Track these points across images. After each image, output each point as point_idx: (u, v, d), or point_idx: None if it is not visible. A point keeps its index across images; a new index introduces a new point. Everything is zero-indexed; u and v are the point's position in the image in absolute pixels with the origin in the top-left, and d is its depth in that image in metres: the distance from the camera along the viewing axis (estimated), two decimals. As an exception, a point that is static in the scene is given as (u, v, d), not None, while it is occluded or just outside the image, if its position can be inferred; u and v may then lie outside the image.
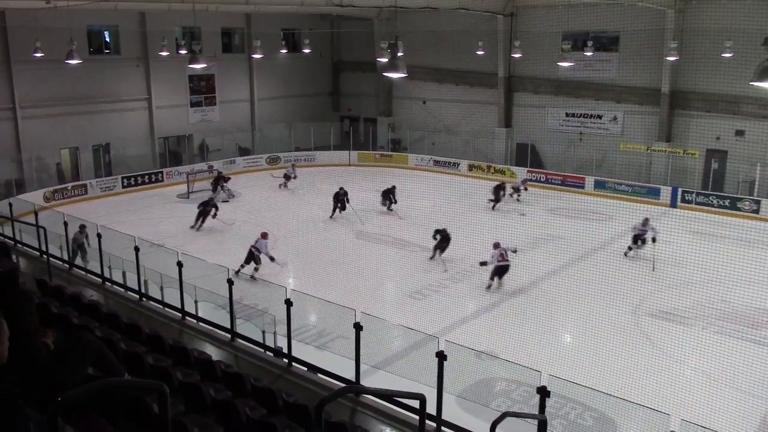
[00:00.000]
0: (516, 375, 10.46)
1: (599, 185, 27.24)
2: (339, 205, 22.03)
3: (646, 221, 18.70)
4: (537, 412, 6.97)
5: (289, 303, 9.64)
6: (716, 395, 11.08)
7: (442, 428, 7.83)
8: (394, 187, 23.04)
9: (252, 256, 16.26)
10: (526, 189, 26.20)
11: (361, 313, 10.13)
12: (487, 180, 29.66)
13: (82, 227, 15.73)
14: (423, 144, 33.05)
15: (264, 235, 16.57)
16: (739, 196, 24.59)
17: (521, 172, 29.12)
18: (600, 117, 28.78)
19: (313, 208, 23.52)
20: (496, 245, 15.86)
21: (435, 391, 7.81)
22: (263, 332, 10.42)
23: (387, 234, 19.70)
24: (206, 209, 20.45)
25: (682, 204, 25.07)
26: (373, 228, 21.19)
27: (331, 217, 22.16)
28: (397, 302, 15.06)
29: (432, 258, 17.89)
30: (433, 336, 11.47)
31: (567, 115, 29.71)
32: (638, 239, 18.73)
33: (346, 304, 13.46)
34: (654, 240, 18.20)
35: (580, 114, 29.34)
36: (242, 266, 16.12)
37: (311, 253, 18.56)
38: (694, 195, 25.23)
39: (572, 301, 15.34)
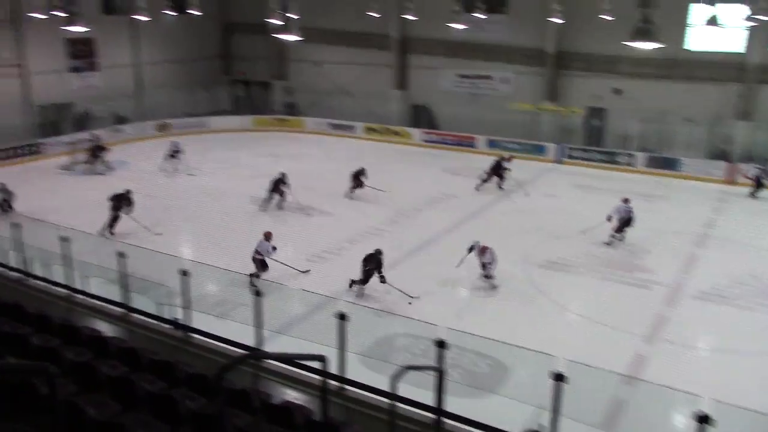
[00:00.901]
0: (415, 330, 10.84)
1: (491, 144, 28.16)
2: (277, 192, 19.11)
3: (626, 201, 16.86)
4: (435, 364, 7.28)
5: (185, 273, 9.45)
6: (597, 335, 11.98)
7: (345, 386, 8.04)
8: (363, 169, 20.67)
9: (259, 264, 13.61)
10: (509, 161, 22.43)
11: (261, 279, 10.08)
12: (386, 142, 29.99)
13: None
14: (319, 108, 32.76)
15: (267, 236, 13.85)
16: (617, 150, 26.21)
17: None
18: (491, 78, 29.60)
19: (205, 177, 22.90)
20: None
21: (337, 351, 7.99)
22: (159, 305, 10.18)
23: (285, 201, 19.52)
24: (119, 204, 16.90)
25: (567, 160, 26.42)
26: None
27: (268, 204, 19.21)
28: (297, 266, 15.09)
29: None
30: (333, 298, 11.67)
31: (460, 76, 30.34)
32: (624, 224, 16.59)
33: (245, 272, 13.38)
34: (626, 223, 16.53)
35: (473, 75, 30.04)
36: (256, 276, 13.49)
37: (206, 222, 18.14)
38: (577, 151, 26.71)
39: (467, 257, 15.95)
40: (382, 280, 12.81)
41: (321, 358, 4.59)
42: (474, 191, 21.39)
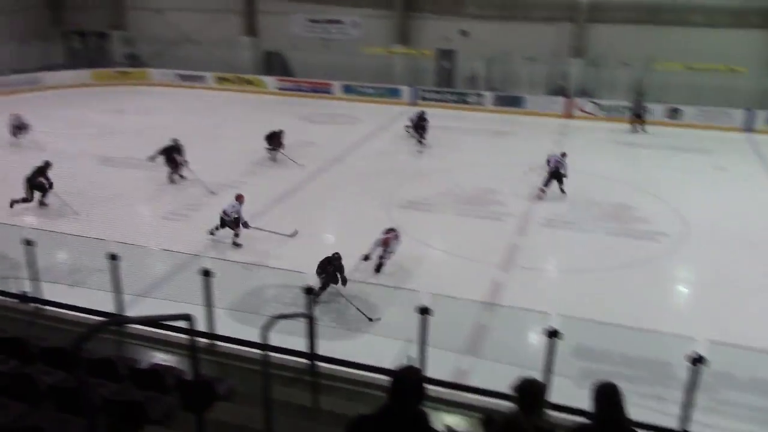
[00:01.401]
0: (285, 280, 10.85)
1: (347, 90, 28.18)
2: (172, 165, 17.01)
3: (564, 155, 16.67)
4: (305, 311, 7.37)
5: (29, 243, 8.76)
6: (458, 267, 12.65)
7: (216, 342, 7.95)
8: (281, 131, 19.27)
9: (232, 223, 13.25)
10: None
11: (115, 242, 9.58)
12: (240, 91, 29.02)
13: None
14: (165, 58, 30.92)
15: (239, 199, 13.44)
16: (467, 91, 27.24)
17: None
18: (342, 22, 29.36)
19: (49, 140, 21.04)
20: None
21: (205, 308, 7.84)
22: (3, 279, 9.39)
23: (131, 156, 18.42)
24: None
25: (421, 102, 27.09)
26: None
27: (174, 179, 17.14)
28: (153, 226, 14.45)
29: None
30: (196, 255, 11.36)
31: (311, 21, 29.80)
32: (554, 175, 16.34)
33: (98, 235, 12.62)
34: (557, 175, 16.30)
35: (323, 20, 29.63)
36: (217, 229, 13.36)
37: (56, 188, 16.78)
38: (430, 93, 27.44)
39: (330, 203, 16.08)
40: (344, 282, 10.99)
41: (186, 317, 4.49)
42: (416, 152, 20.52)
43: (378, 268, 12.05)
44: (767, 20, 23.88)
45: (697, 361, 6.00)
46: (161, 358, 7.42)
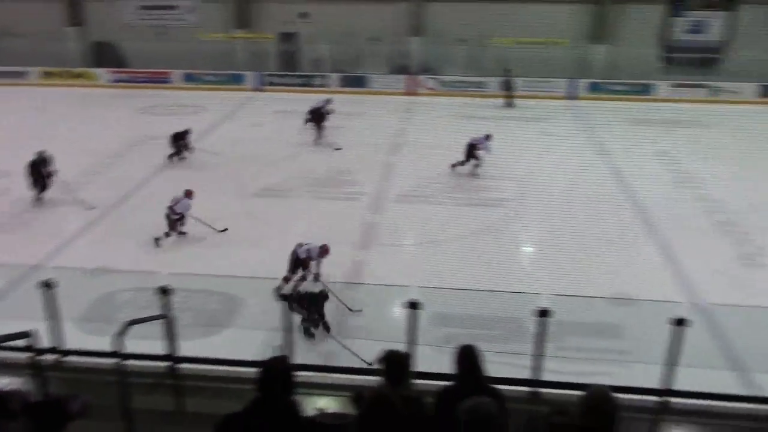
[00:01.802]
0: (137, 282, 10.31)
1: (188, 78, 27.04)
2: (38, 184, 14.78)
3: (488, 137, 17.07)
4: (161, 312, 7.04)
5: None
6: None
7: (64, 358, 7.40)
8: (187, 131, 17.96)
9: (174, 222, 12.85)
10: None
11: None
12: (68, 86, 26.86)
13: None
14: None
15: (189, 194, 13.10)
16: (312, 74, 27.14)
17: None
18: (176, 8, 28.02)
19: None
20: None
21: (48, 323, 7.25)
22: None
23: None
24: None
25: (267, 87, 26.62)
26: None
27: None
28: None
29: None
30: (36, 266, 10.47)
31: (142, 8, 28.14)
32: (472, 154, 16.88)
33: None
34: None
35: (156, 6, 28.10)
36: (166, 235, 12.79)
37: None
38: (274, 77, 27.03)
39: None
40: (327, 327, 9.36)
41: (25, 335, 4.13)
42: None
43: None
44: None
45: (543, 314, 6.47)
46: (2, 382, 6.78)
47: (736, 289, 10.98)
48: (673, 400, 6.42)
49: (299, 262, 10.55)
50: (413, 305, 6.69)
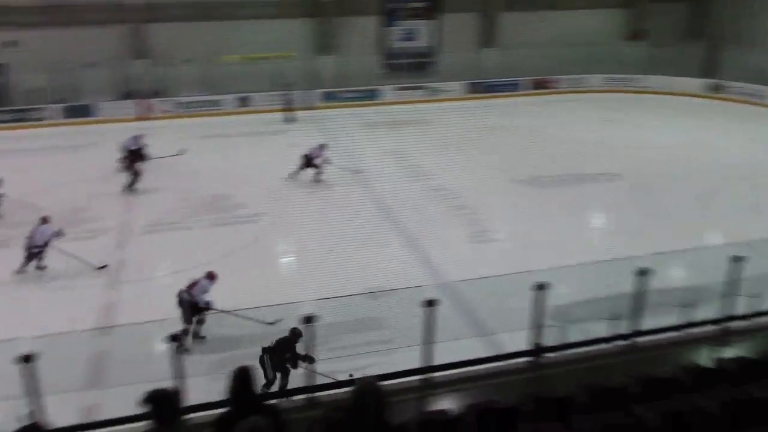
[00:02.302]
0: None
1: None
2: None
3: (322, 147, 17.76)
4: None
5: None
6: (57, 300, 11.46)
7: None
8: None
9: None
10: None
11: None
12: None
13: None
14: None
15: (45, 219, 12.62)
16: (27, 107, 24.39)
17: None
18: None
19: None
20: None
21: None
22: None
23: None
24: None
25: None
26: None
27: None
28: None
29: None
30: None
31: None
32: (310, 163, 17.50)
33: None
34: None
35: None
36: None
37: None
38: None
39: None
40: (295, 365, 8.34)
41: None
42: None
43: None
44: (304, 10, 27.01)
45: (308, 320, 6.63)
46: None
47: (473, 264, 12.35)
48: (435, 374, 7.03)
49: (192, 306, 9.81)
50: (174, 338, 6.42)
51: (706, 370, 6.29)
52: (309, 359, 7.05)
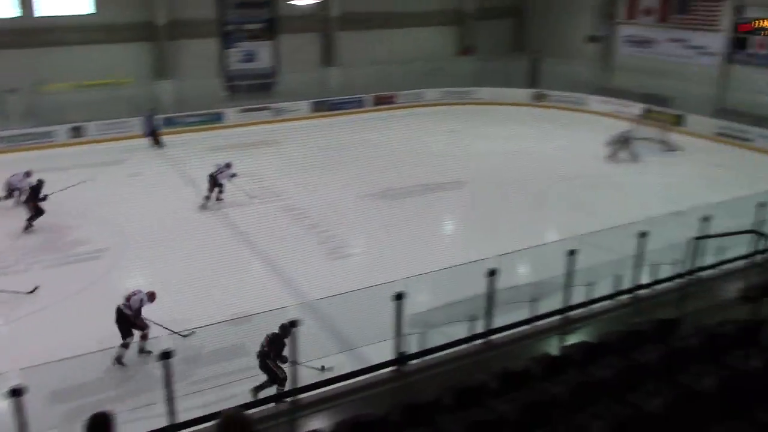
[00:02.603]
0: None
1: None
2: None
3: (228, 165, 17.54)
4: None
5: None
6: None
7: None
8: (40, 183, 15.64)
9: None
10: None
11: None
12: None
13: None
14: None
15: None
16: None
17: None
18: None
19: None
20: None
21: None
22: None
23: None
24: None
25: None
26: None
27: None
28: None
29: None
30: None
31: None
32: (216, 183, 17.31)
33: None
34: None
35: None
36: None
37: None
38: None
39: None
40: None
41: None
42: None
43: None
44: (139, 34, 25.81)
45: (165, 356, 6.34)
46: None
47: (332, 280, 12.41)
48: (303, 396, 6.99)
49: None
50: (14, 392, 5.85)
51: (554, 358, 6.79)
52: (284, 359, 7.61)
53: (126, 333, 10.03)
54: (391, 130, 25.19)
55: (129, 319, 10.03)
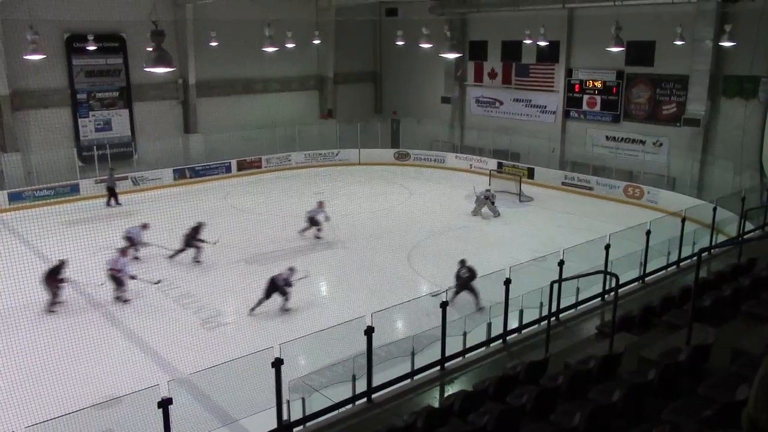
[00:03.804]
0: None
1: None
2: None
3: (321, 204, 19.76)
4: None
5: None
6: None
7: None
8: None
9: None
10: None
11: None
12: None
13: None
14: None
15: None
16: None
17: None
18: None
19: None
20: None
21: None
22: None
23: None
24: None
25: None
26: None
27: None
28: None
29: None
30: None
31: None
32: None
33: None
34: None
35: None
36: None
37: None
38: None
39: None
40: None
41: None
42: None
43: None
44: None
45: None
46: None
47: (206, 351, 11.93)
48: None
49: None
50: None
51: (435, 410, 6.96)
52: None
53: None
54: (259, 195, 25.04)
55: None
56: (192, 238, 17.57)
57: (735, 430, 5.04)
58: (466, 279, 14.06)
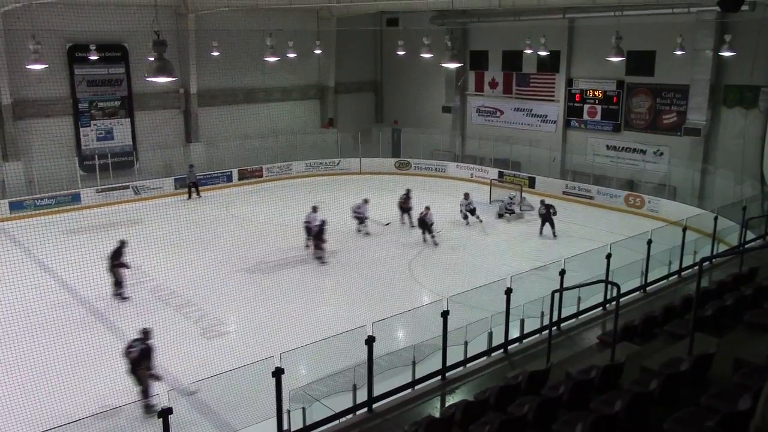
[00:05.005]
0: None
1: None
2: None
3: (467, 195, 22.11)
4: None
5: None
6: None
7: None
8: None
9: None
10: None
11: None
12: None
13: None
14: None
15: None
16: None
17: None
18: None
19: None
20: None
21: None
22: None
23: None
24: None
25: None
26: None
27: None
28: None
29: None
30: None
31: None
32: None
33: None
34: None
35: None
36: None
37: None
38: None
39: None
40: None
41: None
42: None
43: None
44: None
45: None
46: None
47: (207, 361, 11.90)
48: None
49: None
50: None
51: (436, 420, 6.92)
52: None
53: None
54: (260, 204, 25.04)
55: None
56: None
57: (737, 441, 5.02)
58: (544, 215, 20.70)
